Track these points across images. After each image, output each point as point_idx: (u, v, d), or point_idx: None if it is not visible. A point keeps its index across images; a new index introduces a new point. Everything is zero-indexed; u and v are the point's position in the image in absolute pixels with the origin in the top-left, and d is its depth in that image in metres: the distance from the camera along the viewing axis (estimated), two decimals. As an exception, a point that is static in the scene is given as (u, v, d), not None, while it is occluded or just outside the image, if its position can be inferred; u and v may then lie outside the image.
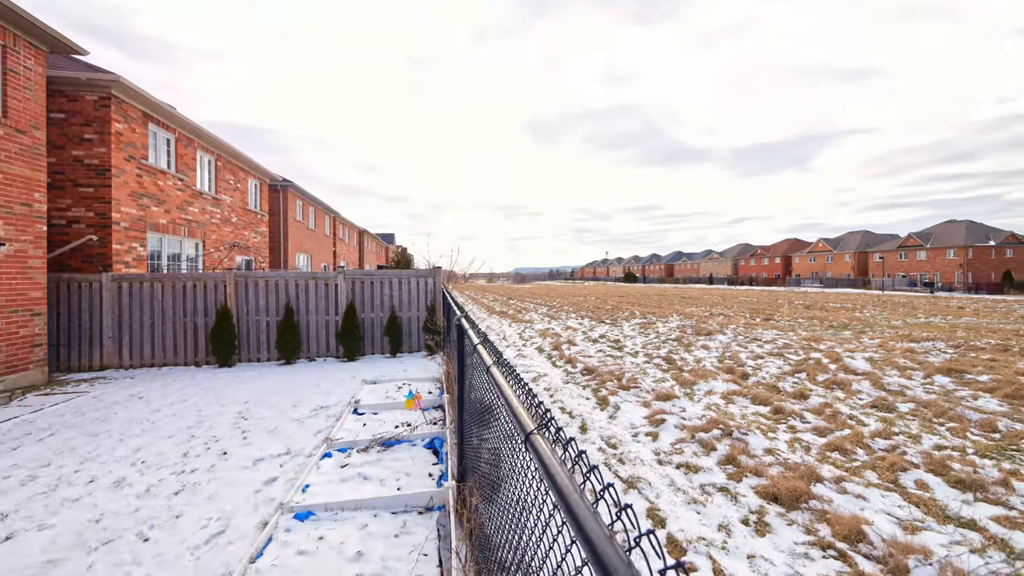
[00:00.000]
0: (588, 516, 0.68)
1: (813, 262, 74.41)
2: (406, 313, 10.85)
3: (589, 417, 6.19)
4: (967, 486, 4.12)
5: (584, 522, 0.67)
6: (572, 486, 0.78)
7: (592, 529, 0.64)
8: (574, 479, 0.82)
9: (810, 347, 11.31)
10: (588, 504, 0.72)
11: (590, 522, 0.66)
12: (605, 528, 0.65)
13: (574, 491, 0.76)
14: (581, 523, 0.67)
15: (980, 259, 53.77)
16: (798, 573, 3.02)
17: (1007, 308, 25.64)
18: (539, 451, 0.94)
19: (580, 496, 0.75)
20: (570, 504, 0.72)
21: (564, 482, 0.80)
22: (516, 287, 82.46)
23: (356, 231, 40.98)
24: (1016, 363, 9.16)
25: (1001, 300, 34.33)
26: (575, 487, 0.78)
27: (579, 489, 0.78)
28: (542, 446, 0.96)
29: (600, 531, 0.64)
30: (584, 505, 0.71)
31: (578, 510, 0.70)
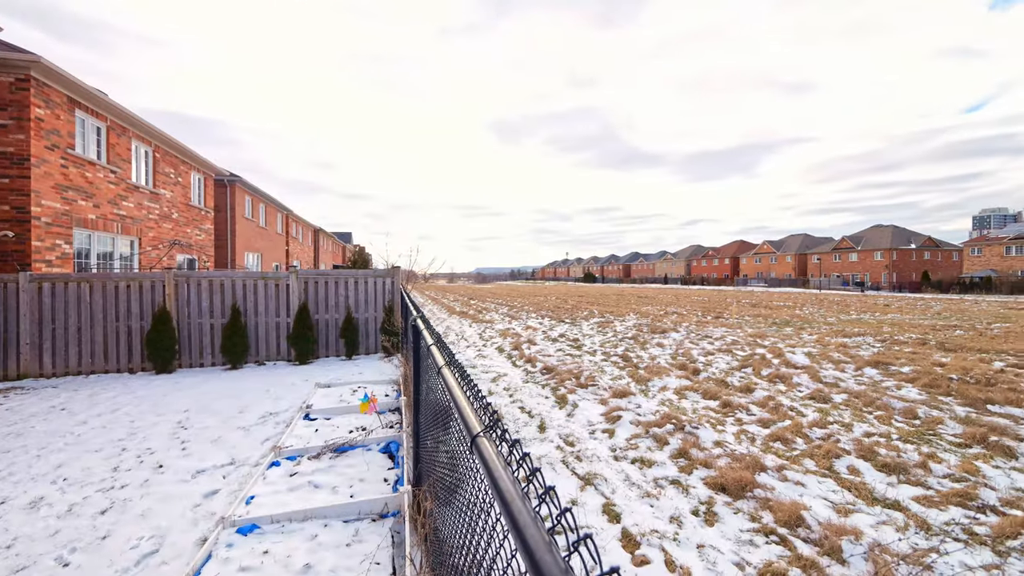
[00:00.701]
0: (528, 522, 0.66)
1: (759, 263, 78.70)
2: (363, 314, 10.55)
3: (548, 416, 6.23)
4: (892, 469, 4.46)
5: (524, 528, 0.65)
6: (515, 491, 0.76)
7: (532, 536, 0.62)
8: (518, 483, 0.80)
9: (756, 343, 11.93)
10: (529, 509, 0.70)
11: (530, 528, 0.64)
12: (545, 534, 0.63)
13: (516, 496, 0.74)
14: (521, 529, 0.65)
15: (903, 261, 58.73)
16: (743, 560, 3.16)
17: (925, 305, 28.12)
18: (484, 454, 0.92)
19: (522, 501, 0.73)
20: (512, 510, 0.70)
21: (507, 487, 0.77)
22: (477, 287, 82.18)
23: (311, 230, 39.49)
24: (932, 355, 10.05)
25: (920, 298, 37.63)
26: (518, 492, 0.76)
27: (522, 493, 0.76)
28: (487, 449, 0.94)
29: (540, 537, 0.62)
30: (525, 511, 0.69)
31: (519, 516, 0.68)
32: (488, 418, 1.11)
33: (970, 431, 5.37)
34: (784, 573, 2.98)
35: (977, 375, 8.06)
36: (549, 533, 0.65)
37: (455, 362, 1.82)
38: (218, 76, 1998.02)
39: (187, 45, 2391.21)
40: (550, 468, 4.58)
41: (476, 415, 1.16)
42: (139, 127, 13.11)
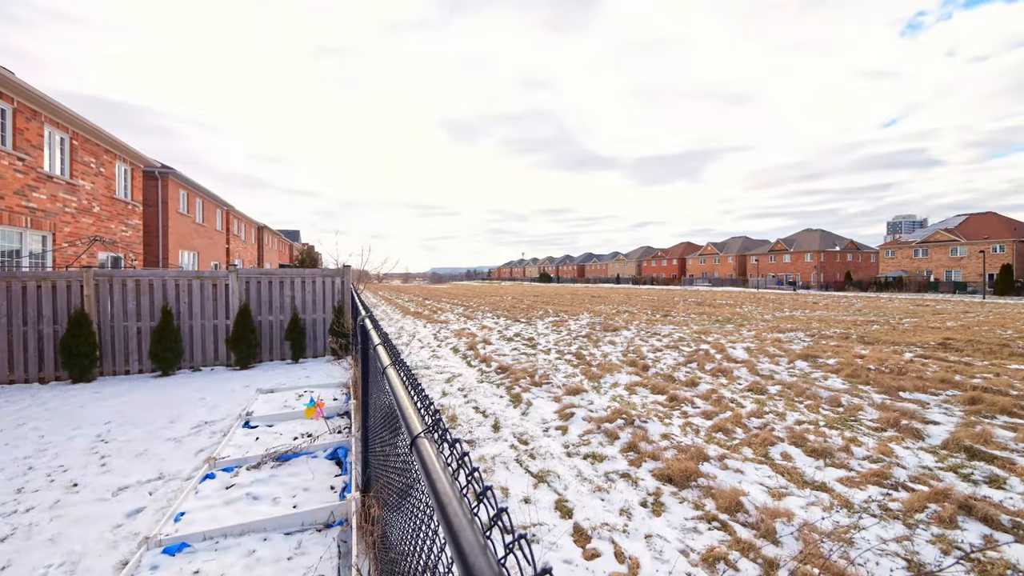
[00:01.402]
0: (464, 525, 0.64)
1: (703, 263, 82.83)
2: (310, 315, 10.10)
3: (502, 415, 6.22)
4: (819, 454, 4.81)
5: (459, 532, 0.62)
6: (452, 492, 0.73)
7: (466, 540, 0.60)
8: (456, 484, 0.77)
9: (700, 340, 12.53)
10: (466, 511, 0.68)
11: (465, 531, 0.62)
12: (480, 536, 0.61)
13: (453, 498, 0.71)
14: (456, 532, 0.62)
15: (829, 262, 63.80)
16: (688, 547, 3.29)
17: (848, 303, 30.69)
18: (423, 454, 0.88)
19: (459, 503, 0.70)
20: (447, 512, 0.67)
21: (444, 488, 0.74)
22: (433, 287, 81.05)
23: (254, 227, 37.39)
24: (854, 348, 10.97)
25: (843, 296, 41.05)
26: (455, 493, 0.73)
27: (459, 495, 0.73)
28: (427, 449, 0.90)
29: (474, 540, 0.60)
30: (461, 513, 0.67)
31: (454, 519, 0.65)
32: (430, 418, 1.07)
33: (885, 416, 5.89)
34: (724, 556, 3.13)
35: (891, 365, 8.88)
36: (486, 535, 0.63)
37: (400, 362, 1.76)
38: (146, 61, 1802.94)
39: (110, 25, 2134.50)
40: (504, 468, 4.57)
41: (419, 415, 1.12)
42: (53, 111, 11.87)
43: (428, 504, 1.03)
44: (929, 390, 7.24)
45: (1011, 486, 4.15)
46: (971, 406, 6.41)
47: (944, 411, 6.27)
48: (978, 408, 6.31)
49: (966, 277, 47.56)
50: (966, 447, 4.94)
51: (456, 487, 0.75)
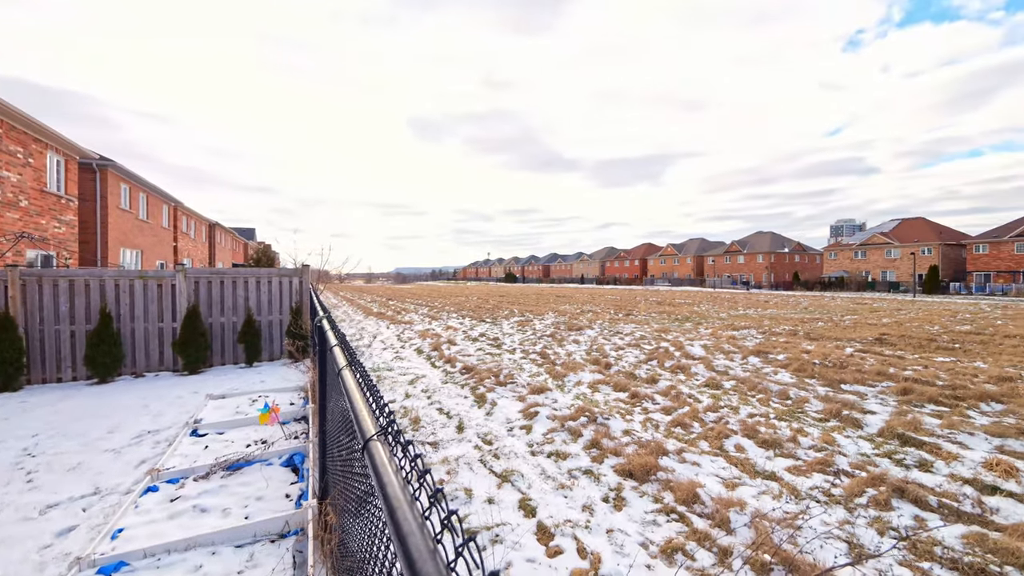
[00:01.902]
0: (413, 530, 0.61)
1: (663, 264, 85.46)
2: (266, 317, 9.68)
3: (467, 415, 6.18)
4: (770, 445, 5.05)
5: (407, 537, 0.60)
6: (403, 496, 0.71)
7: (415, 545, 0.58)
8: (408, 488, 0.74)
9: (660, 338, 12.91)
10: (416, 516, 0.65)
11: (414, 536, 0.60)
12: (430, 541, 0.59)
13: (404, 502, 0.69)
14: (404, 537, 0.60)
15: (779, 263, 67.29)
16: (648, 539, 3.37)
17: (795, 301, 32.47)
18: (374, 458, 0.85)
19: (409, 507, 0.67)
20: (396, 517, 0.65)
21: (395, 492, 0.72)
22: (397, 287, 79.61)
23: (206, 224, 35.51)
24: (801, 344, 11.61)
25: (792, 295, 43.40)
26: (406, 497, 0.70)
27: (410, 499, 0.70)
28: (379, 452, 0.87)
29: (424, 546, 0.58)
30: (412, 518, 0.64)
31: (403, 523, 0.63)
32: (384, 419, 1.04)
33: (828, 407, 6.27)
34: (682, 547, 3.23)
35: (833, 359, 9.45)
36: (436, 539, 0.61)
37: (357, 362, 1.71)
38: (83, 42, 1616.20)
39: (39, 2, 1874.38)
40: (468, 469, 4.53)
41: (372, 417, 1.08)
42: (-30, 95, 10.81)
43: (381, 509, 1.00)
44: (867, 382, 7.76)
45: (937, 469, 4.50)
46: (903, 396, 6.92)
47: (880, 401, 6.73)
48: (909, 398, 6.82)
49: (899, 277, 51.34)
50: (899, 434, 5.32)
51: (408, 491, 0.73)
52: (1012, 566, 3.02)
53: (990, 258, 44.40)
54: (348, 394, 1.32)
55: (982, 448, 4.98)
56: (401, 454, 0.90)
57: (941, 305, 28.12)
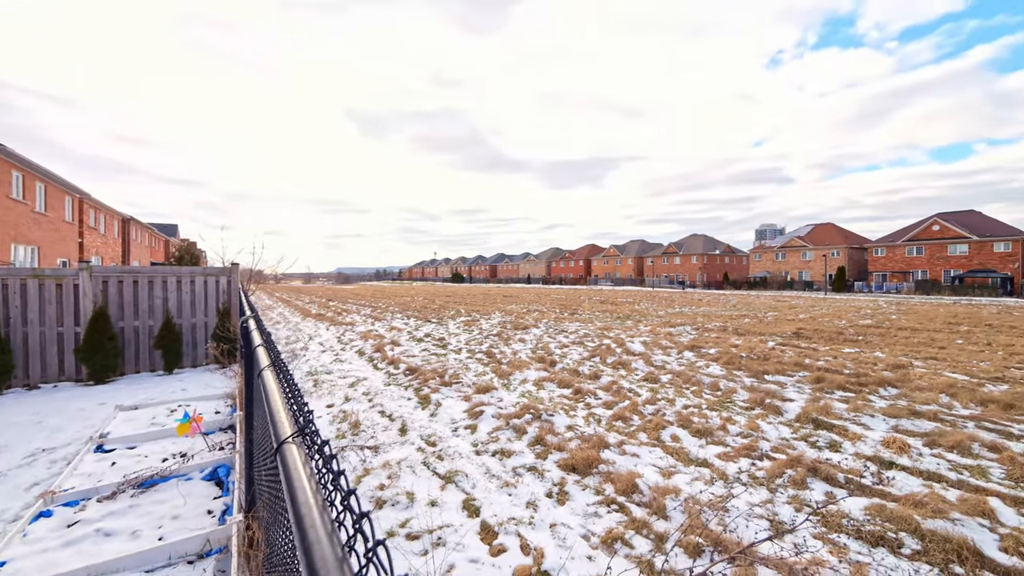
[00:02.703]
0: (320, 537, 0.56)
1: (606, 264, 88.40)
2: (189, 320, 8.91)
3: (410, 417, 6.02)
4: (702, 434, 5.35)
5: (312, 546, 0.54)
6: (314, 502, 0.64)
7: (320, 555, 0.52)
8: (320, 494, 0.68)
9: (603, 335, 13.32)
10: (326, 523, 0.60)
11: (319, 544, 0.54)
12: (337, 549, 0.54)
13: (314, 506, 0.63)
14: (309, 546, 0.54)
15: (711, 264, 71.78)
16: (590, 531, 3.44)
17: (725, 300, 34.80)
18: (287, 461, 0.78)
19: (320, 513, 0.62)
20: (303, 525, 0.59)
21: (305, 498, 0.65)
22: (338, 288, 76.42)
23: (118, 219, 32.18)
24: (730, 339, 12.43)
25: (722, 294, 46.47)
26: (317, 503, 0.64)
27: (322, 505, 0.64)
28: (293, 456, 0.80)
29: (331, 554, 0.52)
30: (320, 525, 0.59)
31: (309, 531, 0.57)
32: (303, 420, 0.96)
33: (753, 397, 6.74)
34: (621, 536, 3.33)
35: (758, 353, 10.20)
36: (347, 546, 0.56)
37: (280, 362, 1.58)
38: None
39: None
40: (410, 472, 4.41)
41: (291, 418, 1.00)
42: None
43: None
44: (786, 372, 8.44)
45: (845, 449, 4.97)
46: (817, 384, 7.59)
47: (797, 389, 7.34)
48: (822, 385, 7.49)
49: (813, 277, 56.46)
50: (813, 419, 5.82)
51: (320, 496, 0.67)
52: (905, 531, 3.39)
53: (886, 260, 49.98)
54: (267, 395, 1.21)
55: (881, 428, 5.56)
56: (319, 457, 0.83)
57: (847, 302, 31.24)
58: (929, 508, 3.64)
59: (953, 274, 44.16)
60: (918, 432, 5.40)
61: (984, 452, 4.83)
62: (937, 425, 5.61)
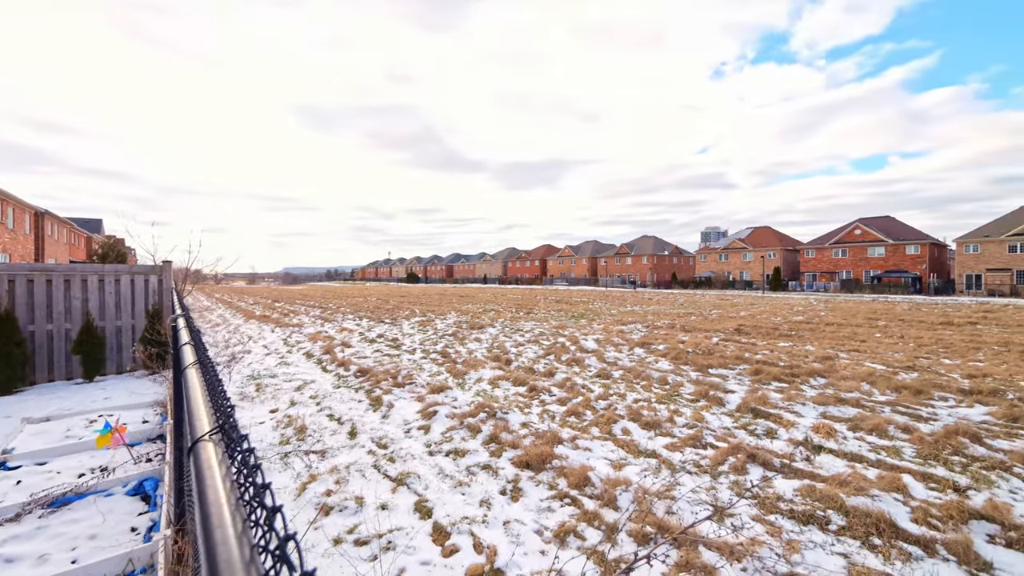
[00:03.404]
0: (226, 538, 0.50)
1: (562, 264, 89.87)
2: (114, 322, 8.16)
3: (360, 420, 5.82)
4: (651, 426, 5.52)
5: (215, 547, 0.49)
6: (226, 504, 0.58)
7: (224, 559, 0.47)
8: (234, 495, 0.62)
9: (558, 333, 13.50)
10: (239, 524, 0.54)
11: (223, 547, 0.49)
12: (246, 550, 0.49)
13: (225, 506, 0.57)
14: (213, 547, 0.49)
15: (661, 264, 74.71)
16: (543, 526, 3.45)
17: (674, 299, 36.32)
18: (199, 459, 0.70)
19: (232, 514, 0.56)
20: (209, 526, 0.53)
21: (216, 497, 0.59)
22: (285, 288, 72.93)
23: (30, 212, 29.08)
24: (678, 335, 12.98)
25: (671, 293, 48.49)
26: (230, 506, 0.58)
27: (236, 507, 0.59)
28: (208, 454, 0.72)
29: (238, 556, 0.47)
30: (231, 527, 0.53)
31: (217, 531, 0.51)
32: (224, 417, 0.88)
33: (698, 390, 7.05)
34: (574, 529, 3.37)
35: (703, 348, 10.70)
36: (260, 547, 0.51)
37: (206, 360, 1.46)
38: None
39: None
40: (360, 476, 4.25)
41: (211, 417, 0.91)
42: None
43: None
44: (728, 366, 8.91)
45: (780, 435, 5.30)
46: (755, 376, 8.06)
47: (738, 382, 7.76)
48: (760, 377, 7.96)
49: (752, 276, 60.08)
50: (752, 408, 6.17)
51: (234, 495, 0.61)
52: (832, 509, 3.65)
53: (816, 261, 54.03)
54: (187, 393, 1.11)
55: (811, 415, 5.98)
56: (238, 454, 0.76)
57: (782, 300, 33.49)
58: (852, 487, 3.94)
59: (872, 274, 48.43)
60: (843, 418, 5.86)
61: (898, 434, 5.30)
62: (859, 411, 6.10)
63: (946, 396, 6.87)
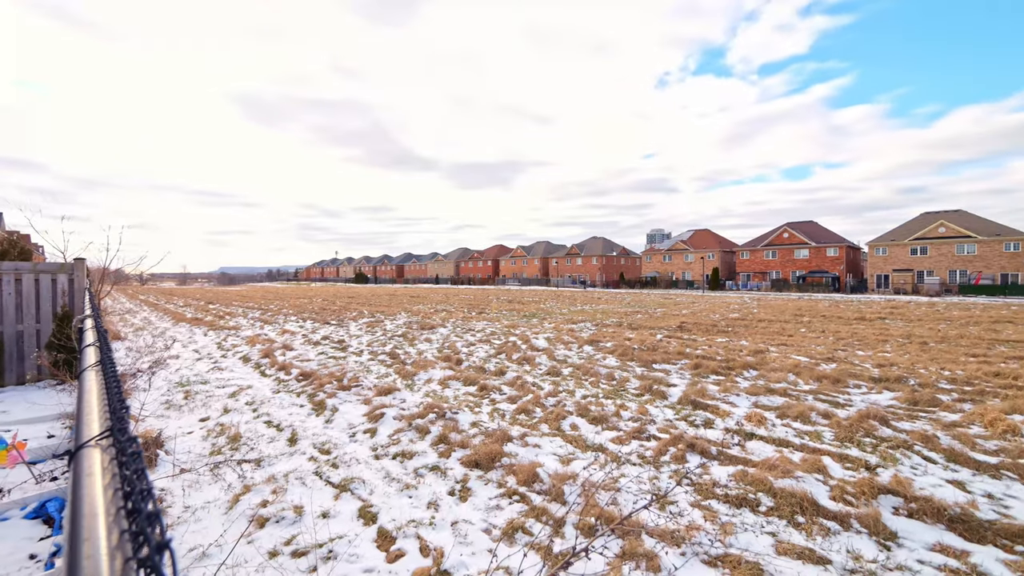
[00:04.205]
0: (99, 550, 0.44)
1: (514, 265, 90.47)
2: (13, 327, 7.27)
3: (302, 426, 5.54)
4: (598, 421, 5.66)
5: (80, 561, 0.42)
6: (101, 510, 0.51)
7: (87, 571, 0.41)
8: (113, 508, 0.55)
9: (509, 333, 13.56)
10: (112, 536, 0.48)
11: (91, 560, 0.42)
12: (118, 562, 0.43)
13: (100, 514, 0.50)
14: (76, 562, 0.42)
15: (609, 264, 77.07)
16: (491, 524, 3.43)
17: (621, 298, 37.58)
18: (79, 471, 0.62)
19: (108, 524, 0.49)
20: (76, 538, 0.46)
21: (91, 508, 0.52)
22: (222, 289, 68.31)
23: (-96, 202, 25.29)
24: (625, 333, 13.42)
25: (619, 292, 50.14)
26: (108, 512, 0.51)
27: (116, 513, 0.52)
28: (91, 460, 0.64)
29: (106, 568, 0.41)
30: (103, 536, 0.47)
31: (84, 544, 0.45)
32: (117, 421, 0.79)
33: (643, 384, 7.32)
34: (522, 525, 3.37)
35: (647, 344, 11.13)
36: (135, 562, 0.45)
37: (109, 360, 1.32)
38: None
39: None
40: (300, 484, 4.04)
41: (103, 422, 0.81)
42: None
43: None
44: (671, 361, 9.32)
45: (717, 425, 5.60)
46: (695, 370, 8.49)
47: (680, 376, 8.13)
48: (699, 371, 8.39)
49: (694, 276, 63.37)
50: (692, 401, 6.48)
51: (115, 507, 0.54)
52: (762, 492, 3.90)
53: (750, 262, 57.84)
54: (81, 398, 0.99)
55: (744, 405, 6.37)
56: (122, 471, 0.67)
57: (720, 299, 35.56)
58: (780, 470, 4.23)
59: (798, 274, 52.50)
60: (772, 406, 6.29)
61: (819, 419, 5.76)
62: (786, 399, 6.58)
63: (860, 384, 7.55)
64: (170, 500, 3.72)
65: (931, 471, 4.35)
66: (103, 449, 0.69)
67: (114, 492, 0.57)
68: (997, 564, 2.96)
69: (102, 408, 0.88)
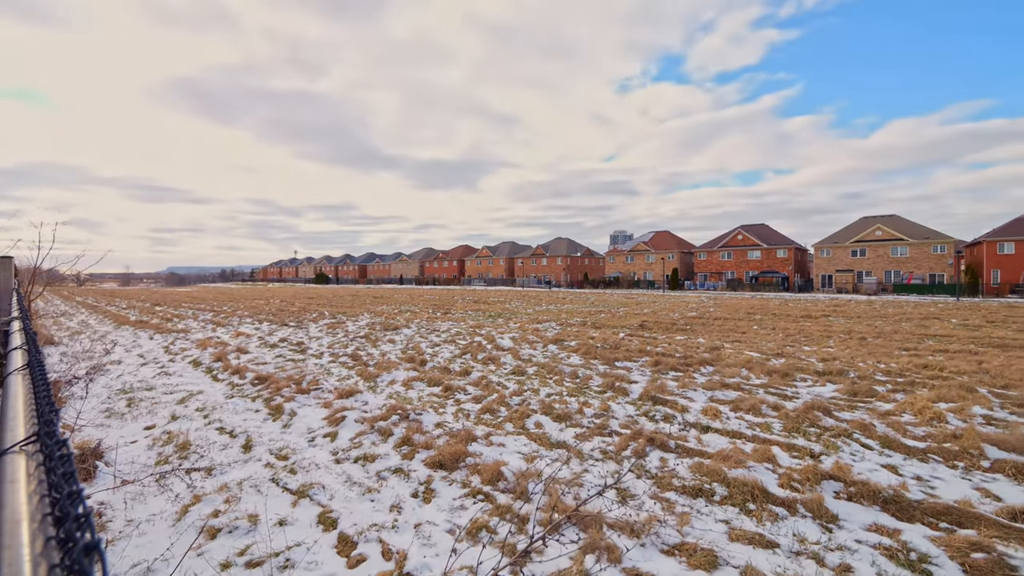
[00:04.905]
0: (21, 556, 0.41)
1: (479, 265, 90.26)
2: (-79, 331, 6.57)
3: (257, 431, 5.32)
4: (562, 418, 5.74)
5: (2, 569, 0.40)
6: (25, 517, 0.48)
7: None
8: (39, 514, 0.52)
9: (475, 333, 13.52)
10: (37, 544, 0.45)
11: (13, 568, 0.40)
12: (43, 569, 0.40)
13: (23, 522, 0.47)
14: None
15: (574, 265, 78.25)
16: (455, 525, 3.42)
17: (585, 297, 38.23)
18: (1, 477, 0.58)
19: (32, 532, 0.46)
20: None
21: (13, 515, 0.49)
22: (169, 291, 64.48)
23: None
24: (589, 332, 13.66)
25: (583, 292, 50.99)
26: (32, 519, 0.48)
27: (40, 523, 0.48)
28: (15, 469, 0.60)
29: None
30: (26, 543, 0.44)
31: (5, 551, 0.42)
32: (44, 425, 0.74)
33: (605, 382, 7.48)
34: (486, 524, 3.38)
35: (610, 343, 11.38)
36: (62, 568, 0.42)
37: (38, 363, 1.22)
38: None
39: None
40: (255, 491, 3.88)
41: (29, 427, 0.76)
42: None
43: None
44: (632, 358, 9.57)
45: (675, 419, 5.79)
46: (655, 367, 8.75)
47: (641, 373, 8.36)
48: (659, 368, 8.65)
49: (655, 277, 65.32)
50: (652, 397, 6.68)
51: (41, 512, 0.51)
52: (717, 482, 4.07)
53: (707, 263, 60.23)
54: (5, 403, 0.91)
55: (701, 400, 6.63)
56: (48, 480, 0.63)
57: (680, 298, 36.82)
58: (733, 460, 4.43)
59: (751, 274, 55.11)
60: (727, 400, 6.57)
61: (769, 411, 6.08)
62: (740, 393, 6.89)
63: (806, 377, 8.02)
64: (110, 514, 3.48)
65: (868, 457, 4.68)
66: (29, 455, 0.64)
67: (40, 498, 0.54)
68: (924, 540, 3.22)
69: (28, 412, 0.82)
